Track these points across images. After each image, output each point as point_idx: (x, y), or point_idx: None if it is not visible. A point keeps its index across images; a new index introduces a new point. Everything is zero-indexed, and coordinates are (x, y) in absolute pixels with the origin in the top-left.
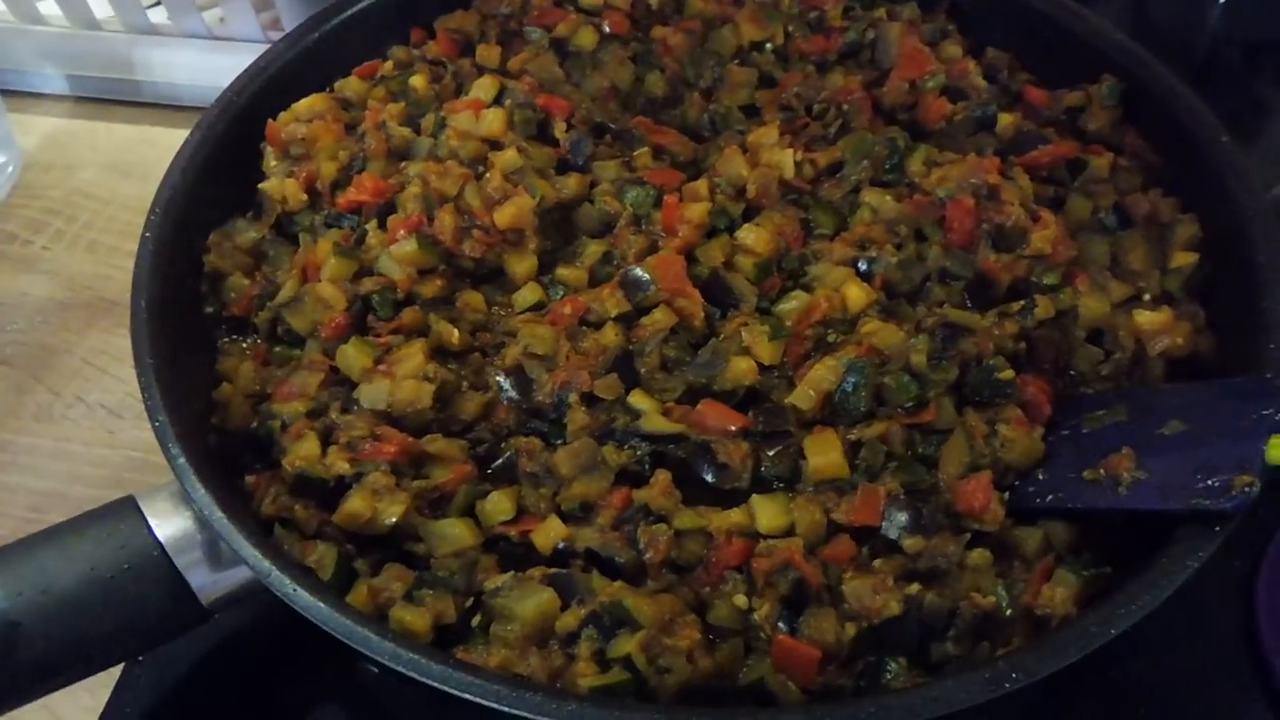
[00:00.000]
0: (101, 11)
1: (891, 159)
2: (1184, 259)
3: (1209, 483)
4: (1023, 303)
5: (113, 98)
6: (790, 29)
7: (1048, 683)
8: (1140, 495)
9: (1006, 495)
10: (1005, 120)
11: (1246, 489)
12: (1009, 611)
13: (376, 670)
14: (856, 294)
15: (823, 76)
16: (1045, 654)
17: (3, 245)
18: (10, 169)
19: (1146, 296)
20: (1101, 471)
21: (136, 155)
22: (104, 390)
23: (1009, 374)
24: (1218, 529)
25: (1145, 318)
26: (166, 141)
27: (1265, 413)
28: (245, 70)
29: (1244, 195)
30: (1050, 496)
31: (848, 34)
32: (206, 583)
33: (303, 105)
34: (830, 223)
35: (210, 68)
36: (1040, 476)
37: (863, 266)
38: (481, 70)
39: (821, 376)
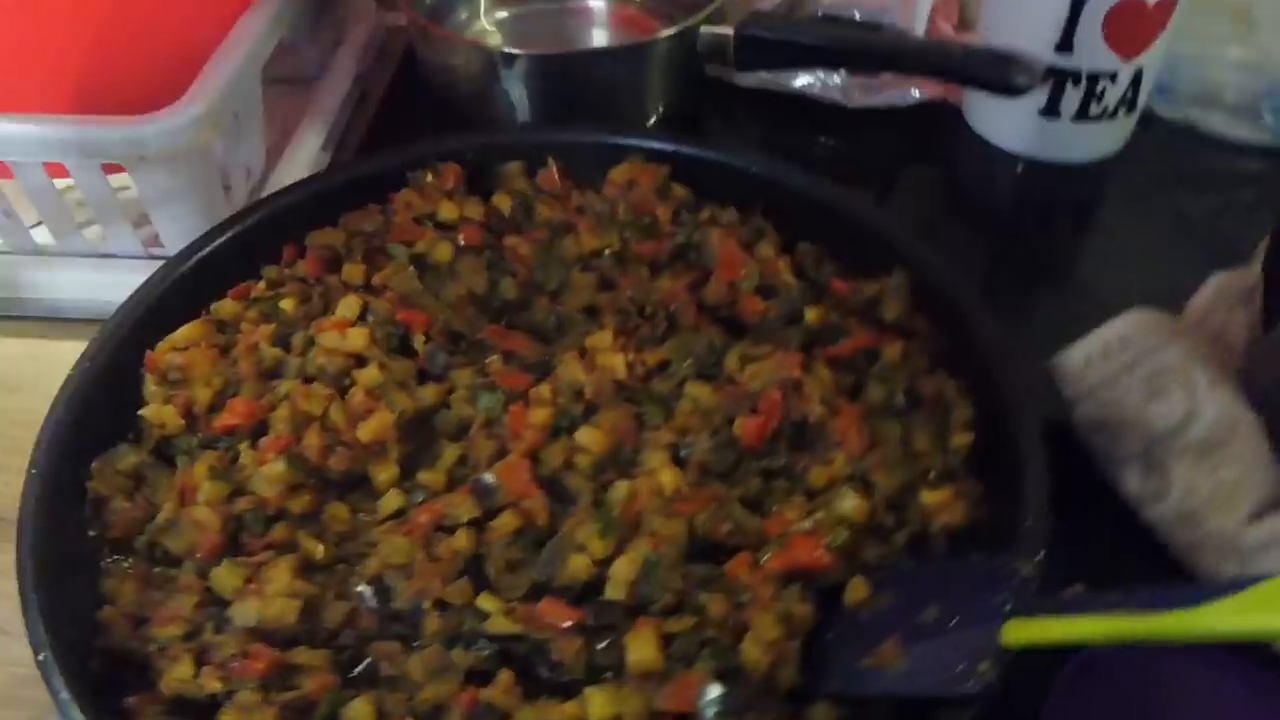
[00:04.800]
0: None
1: (711, 356)
2: (961, 438)
3: (958, 669)
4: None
5: (0, 313)
6: (626, 235)
7: None
8: (904, 682)
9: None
10: (811, 314)
11: (986, 674)
12: None
13: None
14: (668, 477)
15: (655, 278)
16: None
17: None
18: None
19: (932, 475)
20: (874, 659)
21: (21, 369)
22: None
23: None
24: (967, 707)
25: (929, 496)
26: (51, 354)
27: (1000, 599)
28: (126, 300)
29: (1009, 380)
30: (834, 683)
31: (676, 237)
32: None
33: (179, 334)
34: (660, 415)
35: (93, 283)
36: (824, 661)
37: (682, 453)
38: (348, 288)
39: (624, 568)
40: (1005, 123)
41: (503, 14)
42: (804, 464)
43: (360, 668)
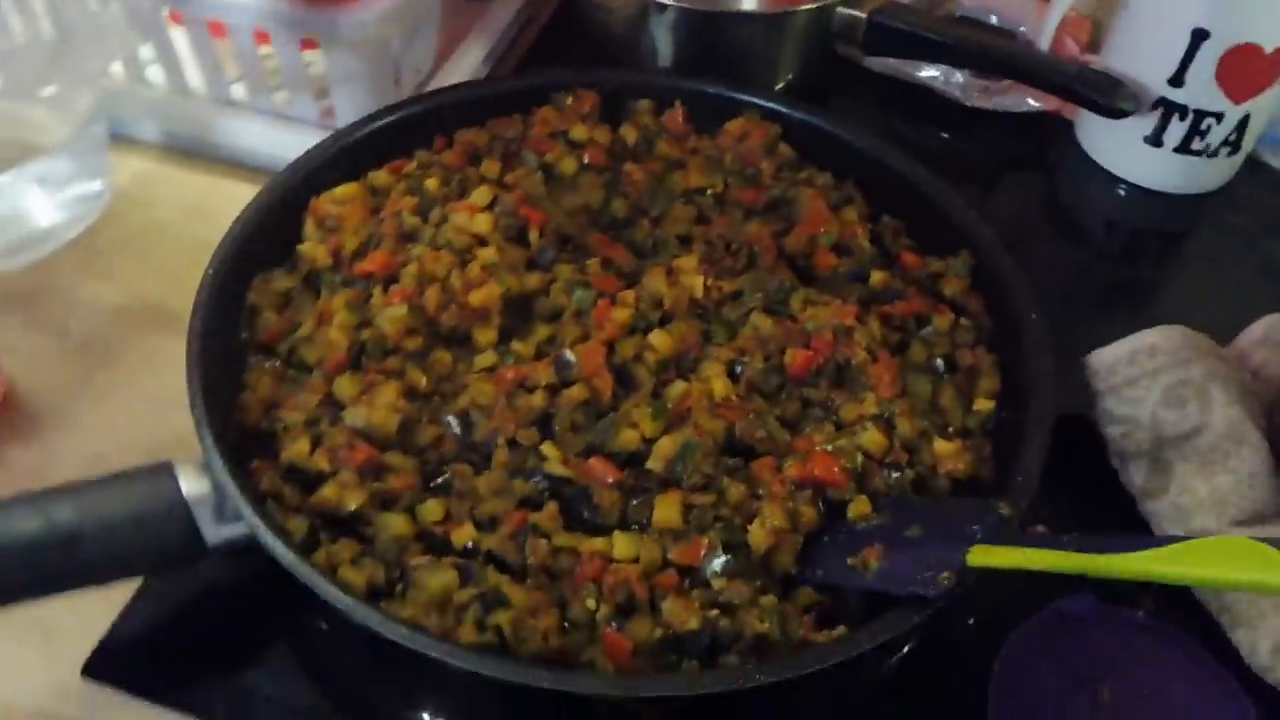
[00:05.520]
0: (194, 81)
1: (779, 295)
2: (983, 405)
3: (924, 575)
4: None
5: (194, 152)
6: (729, 180)
7: None
8: (878, 580)
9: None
10: (876, 276)
11: (946, 583)
12: (780, 638)
13: (324, 625)
14: (720, 386)
15: (746, 221)
16: (786, 664)
17: (88, 258)
18: (105, 196)
19: (950, 429)
20: (858, 560)
21: (207, 202)
22: (153, 382)
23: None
24: (923, 608)
25: (940, 444)
26: (232, 193)
27: (974, 528)
28: (301, 155)
29: (1037, 365)
30: (820, 572)
31: (772, 190)
32: (212, 531)
33: (339, 191)
34: (725, 335)
35: (274, 140)
36: (817, 558)
37: (736, 369)
38: (483, 180)
39: (666, 446)
40: (1112, 144)
41: None
42: (840, 399)
43: (439, 481)
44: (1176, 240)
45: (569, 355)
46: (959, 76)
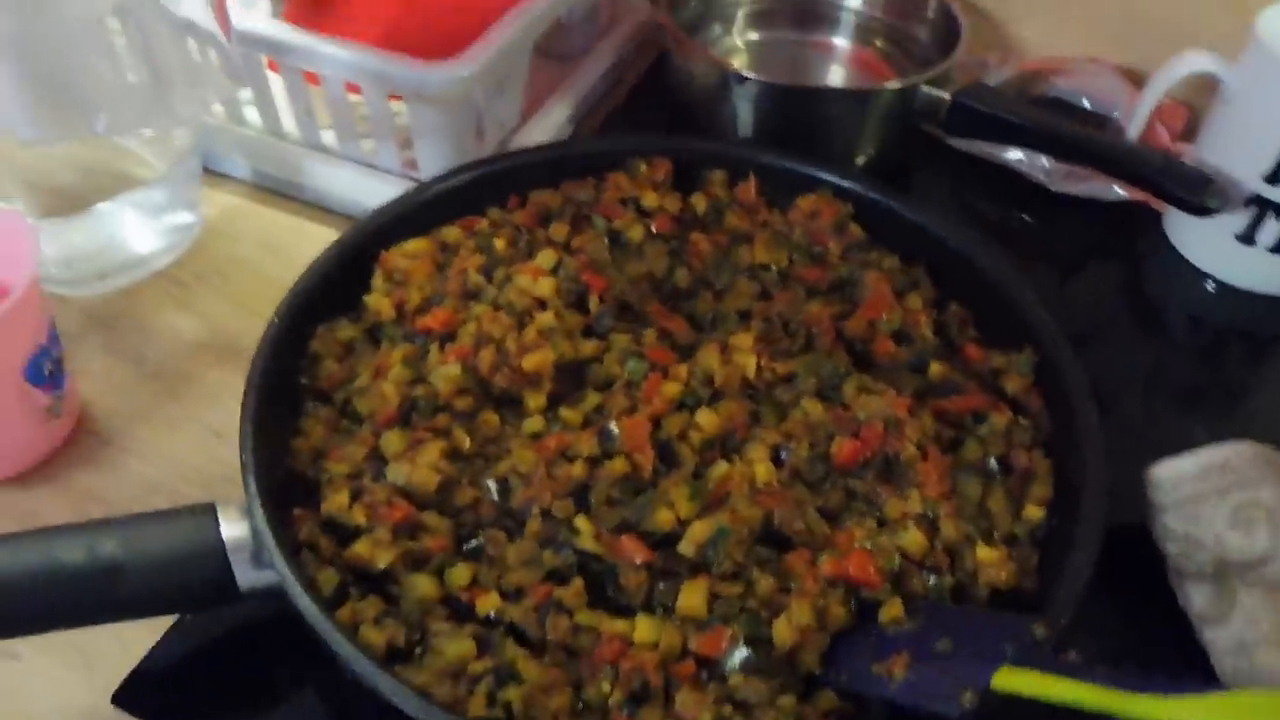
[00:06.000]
0: (287, 125)
1: (833, 379)
2: (1034, 512)
3: (948, 690)
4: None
5: (281, 191)
6: (795, 257)
7: None
8: (903, 692)
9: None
10: (936, 368)
11: (968, 702)
12: None
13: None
14: (763, 470)
15: (808, 301)
16: None
17: (173, 289)
18: (195, 229)
19: (996, 535)
20: (884, 668)
21: (288, 240)
22: (217, 416)
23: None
24: None
25: (983, 551)
26: (313, 234)
27: (1005, 647)
28: (379, 206)
29: (1092, 473)
30: (845, 676)
31: (838, 270)
32: (246, 576)
33: (410, 245)
34: (774, 418)
35: (358, 187)
36: (843, 658)
37: (782, 454)
38: (550, 243)
39: (700, 530)
40: (1201, 240)
41: (754, 36)
42: (886, 494)
43: (472, 544)
44: (1266, 344)
45: (613, 427)
46: (1044, 160)
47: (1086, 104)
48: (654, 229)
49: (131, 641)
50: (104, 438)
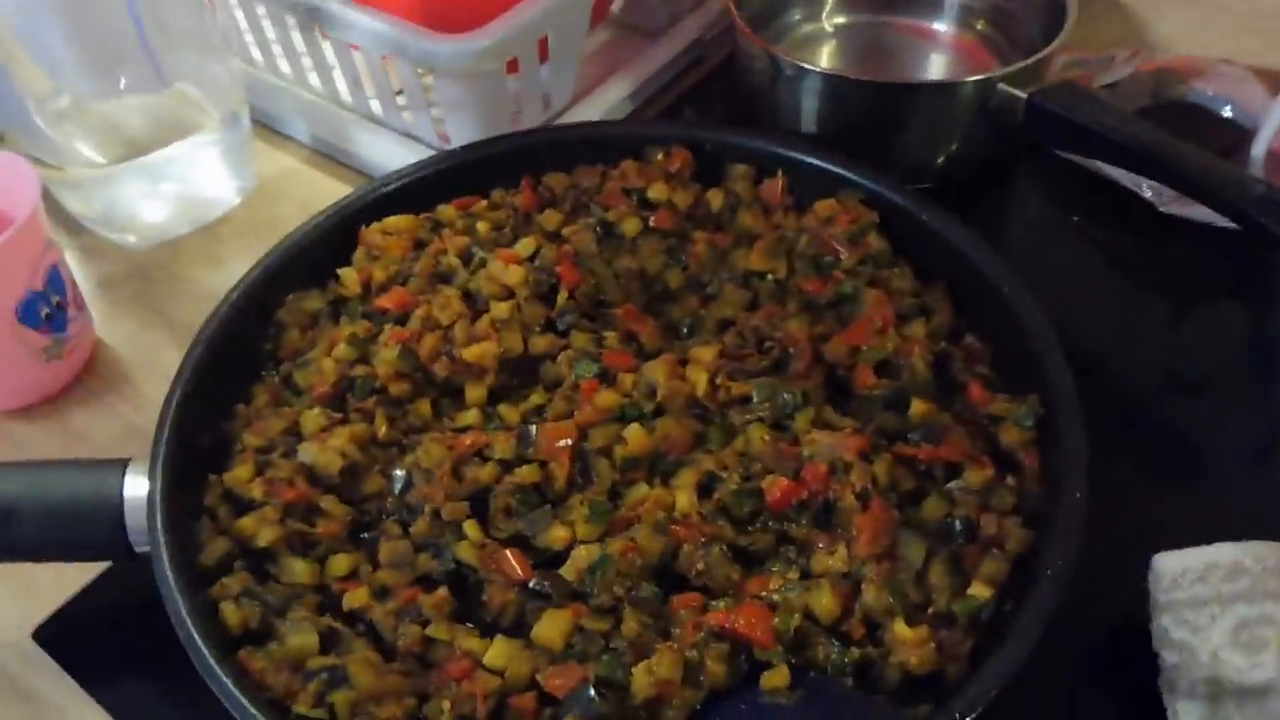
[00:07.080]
0: (343, 92)
1: (787, 408)
2: (980, 591)
3: None
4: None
5: (335, 157)
6: (796, 266)
7: None
8: None
9: None
10: (918, 407)
11: None
12: None
13: None
14: (684, 500)
15: (795, 317)
16: None
17: (212, 244)
18: (246, 188)
19: (930, 609)
20: None
21: (325, 200)
22: None
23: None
24: None
25: (901, 629)
26: None
27: None
28: (379, 178)
29: (1059, 558)
30: None
31: (843, 285)
32: (139, 537)
33: (391, 220)
34: (720, 442)
35: (396, 155)
36: None
37: (711, 484)
38: (541, 230)
39: (584, 556)
40: None
41: (842, 19)
42: (823, 543)
43: (367, 535)
44: None
45: (533, 429)
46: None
47: (1229, 112)
48: (651, 223)
49: (73, 580)
50: (108, 383)
